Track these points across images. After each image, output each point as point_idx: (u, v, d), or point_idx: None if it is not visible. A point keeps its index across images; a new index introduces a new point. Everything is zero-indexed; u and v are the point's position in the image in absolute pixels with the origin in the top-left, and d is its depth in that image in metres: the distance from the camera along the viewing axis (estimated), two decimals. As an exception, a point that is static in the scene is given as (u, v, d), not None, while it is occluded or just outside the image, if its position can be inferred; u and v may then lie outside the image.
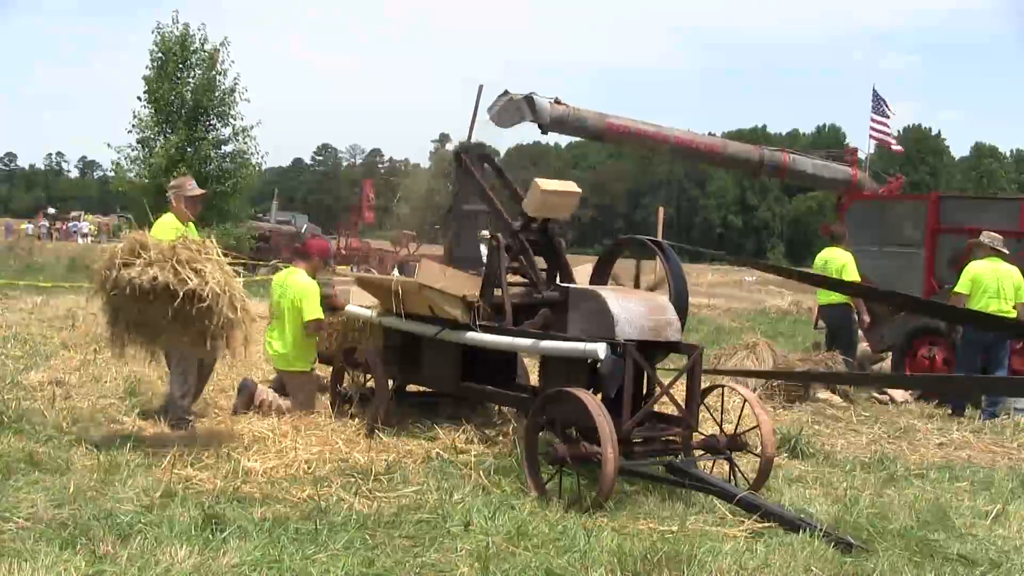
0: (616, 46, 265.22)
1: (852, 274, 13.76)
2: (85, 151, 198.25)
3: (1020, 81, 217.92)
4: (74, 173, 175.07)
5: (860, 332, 15.24)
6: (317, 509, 6.88)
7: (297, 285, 10.28)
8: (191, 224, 9.96)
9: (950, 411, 12.64)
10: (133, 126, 31.75)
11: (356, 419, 9.58)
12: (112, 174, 34.15)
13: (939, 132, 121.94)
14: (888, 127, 20.46)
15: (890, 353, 14.54)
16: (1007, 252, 12.81)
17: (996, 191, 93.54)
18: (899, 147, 21.68)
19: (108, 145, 32.38)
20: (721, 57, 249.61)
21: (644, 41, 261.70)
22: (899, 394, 13.50)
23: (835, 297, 14.01)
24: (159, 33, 31.66)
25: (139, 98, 31.87)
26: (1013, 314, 12.41)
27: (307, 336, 10.36)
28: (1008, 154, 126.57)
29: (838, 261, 13.95)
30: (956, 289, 12.70)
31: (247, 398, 10.02)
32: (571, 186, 9.58)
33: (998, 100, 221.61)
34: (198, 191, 10.11)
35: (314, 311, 10.19)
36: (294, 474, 7.83)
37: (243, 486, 7.38)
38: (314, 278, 10.48)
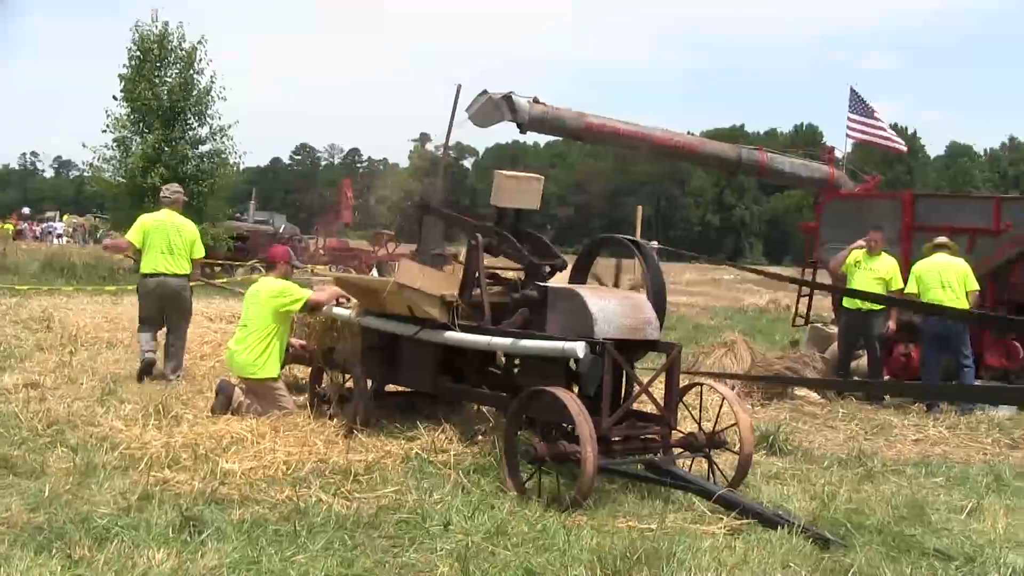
0: (597, 44, 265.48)
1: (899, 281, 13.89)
2: (60, 150, 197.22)
3: (994, 81, 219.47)
4: (49, 173, 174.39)
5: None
6: (296, 510, 6.86)
7: (270, 287, 10.33)
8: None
9: (926, 408, 12.72)
10: (108, 126, 31.62)
11: (335, 420, 9.57)
12: (88, 174, 33.95)
13: (915, 132, 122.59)
14: (882, 128, 20.39)
15: (865, 351, 14.53)
16: (950, 246, 13.38)
17: (970, 190, 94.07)
18: (903, 147, 21.62)
19: (84, 145, 32.29)
20: (700, 56, 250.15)
21: (625, 40, 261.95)
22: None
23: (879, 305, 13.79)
24: (137, 31, 31.53)
25: (115, 97, 31.74)
26: (965, 304, 12.84)
27: (310, 313, 10.70)
28: (982, 153, 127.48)
29: (892, 269, 14.00)
30: (907, 290, 13.16)
31: (225, 400, 9.97)
32: (533, 175, 9.66)
33: (973, 100, 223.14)
34: None
35: (300, 295, 10.33)
36: (273, 475, 7.80)
37: (221, 488, 7.34)
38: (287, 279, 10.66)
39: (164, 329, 12.33)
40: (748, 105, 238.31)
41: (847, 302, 14.05)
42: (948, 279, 12.97)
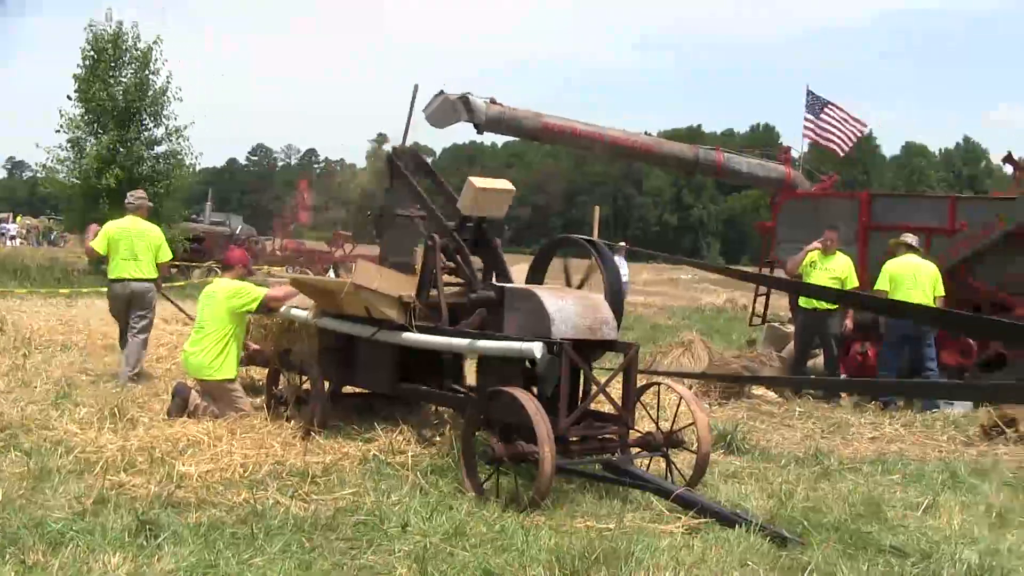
0: (554, 43, 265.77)
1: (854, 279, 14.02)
2: (13, 151, 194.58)
3: (949, 82, 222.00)
4: (1, 174, 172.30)
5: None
6: (253, 513, 6.82)
7: (226, 288, 10.28)
8: None
9: (882, 406, 12.83)
10: (62, 126, 31.34)
11: (292, 421, 9.52)
12: (41, 175, 33.63)
13: (871, 131, 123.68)
14: (833, 123, 20.48)
15: (821, 350, 14.63)
16: (919, 249, 13.50)
17: (925, 189, 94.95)
18: (840, 152, 21.75)
19: (37, 145, 32.06)
20: (658, 57, 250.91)
21: (583, 39, 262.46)
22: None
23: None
24: (91, 31, 31.28)
25: (69, 97, 31.49)
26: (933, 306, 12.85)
27: (267, 314, 10.75)
28: (937, 153, 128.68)
29: (847, 268, 14.11)
30: (876, 287, 13.22)
31: (181, 403, 9.91)
32: (505, 184, 9.61)
33: (928, 100, 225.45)
34: None
35: (258, 293, 10.32)
36: (229, 478, 7.75)
37: (178, 491, 7.29)
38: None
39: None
40: (706, 105, 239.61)
41: (803, 301, 14.15)
42: (921, 281, 13.09)
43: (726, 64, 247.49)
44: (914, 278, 13.12)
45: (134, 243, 12.41)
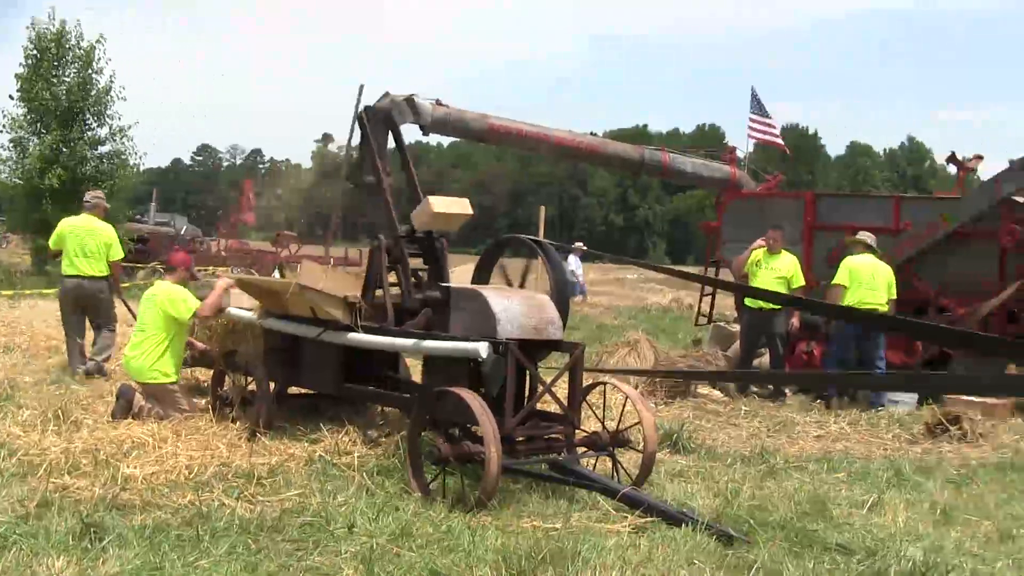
0: (502, 41, 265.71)
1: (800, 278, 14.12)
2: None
3: (894, 82, 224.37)
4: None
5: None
6: (199, 515, 6.78)
7: (165, 292, 10.20)
8: None
9: (826, 406, 12.93)
10: (4, 126, 30.98)
11: (237, 423, 9.47)
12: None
13: (816, 131, 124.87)
14: (774, 128, 20.84)
15: (767, 349, 14.72)
16: (877, 250, 13.54)
17: (870, 189, 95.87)
18: (783, 147, 22.03)
19: (-23, 146, 31.57)
20: (604, 55, 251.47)
21: (532, 36, 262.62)
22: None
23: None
24: (34, 29, 30.91)
25: (11, 96, 31.12)
26: (886, 307, 13.06)
27: (202, 323, 10.76)
28: (881, 153, 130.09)
29: (793, 267, 14.17)
30: (835, 281, 13.31)
31: (126, 404, 9.83)
32: (464, 206, 9.60)
33: (873, 100, 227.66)
34: None
35: (192, 306, 10.16)
36: (175, 480, 7.69)
37: (122, 493, 7.23)
38: (184, 286, 10.51)
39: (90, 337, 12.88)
40: (651, 105, 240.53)
41: (749, 300, 14.24)
42: (878, 282, 13.23)
43: (672, 63, 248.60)
44: (872, 277, 13.22)
45: (84, 240, 12.72)
